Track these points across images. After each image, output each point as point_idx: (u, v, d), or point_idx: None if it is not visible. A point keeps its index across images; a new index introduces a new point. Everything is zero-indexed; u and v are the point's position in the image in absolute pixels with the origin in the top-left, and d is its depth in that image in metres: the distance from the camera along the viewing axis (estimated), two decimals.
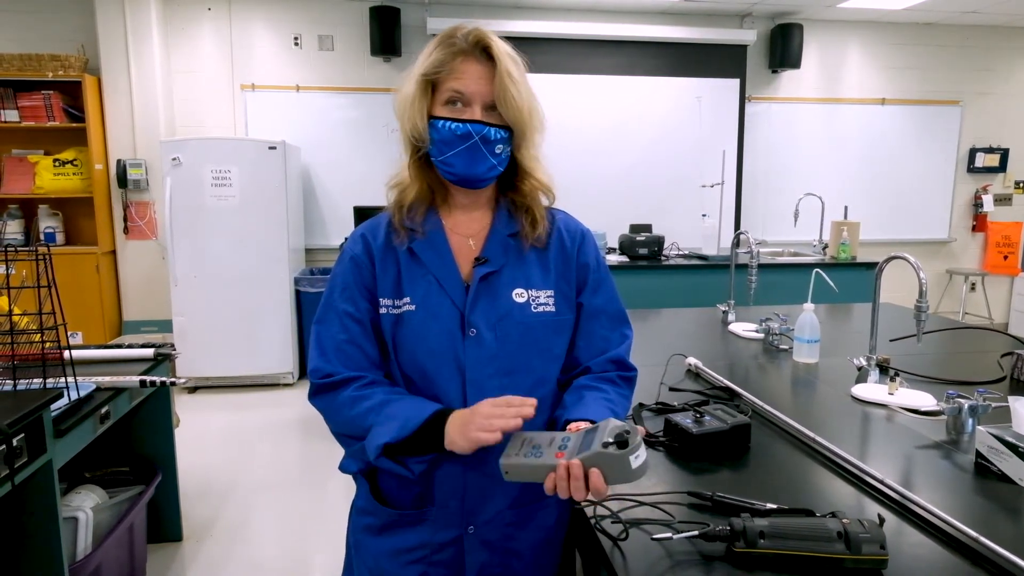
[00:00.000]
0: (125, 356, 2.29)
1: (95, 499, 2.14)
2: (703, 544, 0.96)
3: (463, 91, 1.03)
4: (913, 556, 0.95)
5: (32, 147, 4.72)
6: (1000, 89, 5.97)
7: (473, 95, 1.03)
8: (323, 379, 1.06)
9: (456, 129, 1.03)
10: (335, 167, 5.20)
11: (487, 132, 1.03)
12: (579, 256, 1.14)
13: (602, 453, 0.85)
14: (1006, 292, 6.29)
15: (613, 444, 0.85)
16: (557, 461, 0.88)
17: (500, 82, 1.01)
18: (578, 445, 0.89)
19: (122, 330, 4.90)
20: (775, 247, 5.24)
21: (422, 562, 1.07)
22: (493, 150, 1.04)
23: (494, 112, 1.04)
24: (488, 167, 1.05)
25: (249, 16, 5.01)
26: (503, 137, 1.05)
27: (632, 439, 0.85)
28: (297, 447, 3.66)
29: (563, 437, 0.92)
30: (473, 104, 1.03)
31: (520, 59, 1.06)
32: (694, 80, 5.43)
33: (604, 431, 0.88)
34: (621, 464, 0.85)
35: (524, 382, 1.05)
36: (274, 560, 2.55)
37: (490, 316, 1.05)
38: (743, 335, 2.36)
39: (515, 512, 1.08)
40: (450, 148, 1.04)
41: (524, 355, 1.06)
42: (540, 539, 1.11)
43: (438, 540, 1.07)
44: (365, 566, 1.12)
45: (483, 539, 1.07)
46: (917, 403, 1.57)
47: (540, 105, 1.08)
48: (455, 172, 1.06)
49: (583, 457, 0.86)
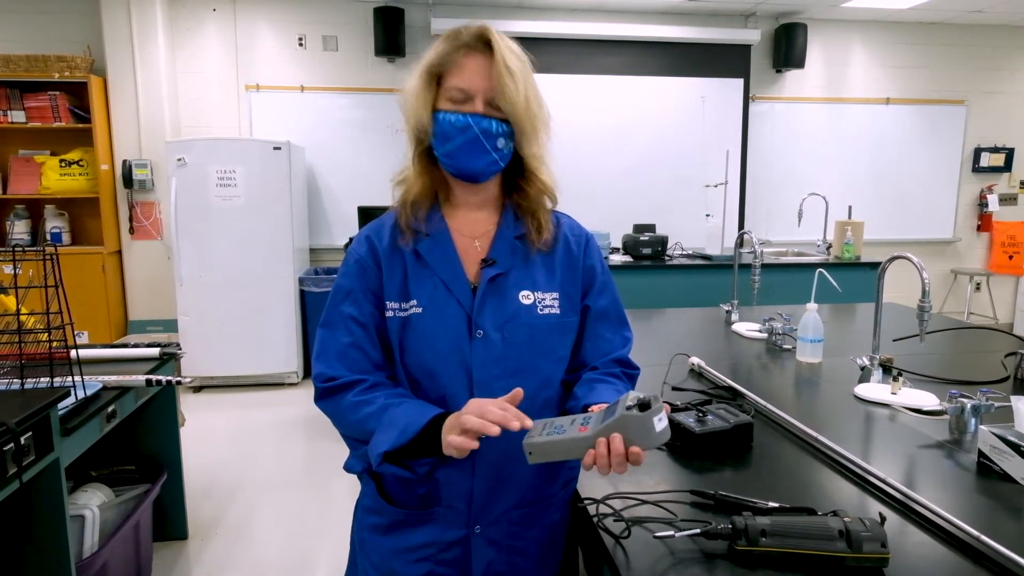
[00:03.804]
0: (131, 355, 2.30)
1: (101, 497, 2.16)
2: (705, 542, 0.96)
3: (465, 86, 1.03)
4: (915, 555, 0.95)
5: (38, 147, 4.75)
6: (1005, 88, 5.95)
7: (475, 89, 1.03)
8: (326, 383, 1.06)
9: (456, 121, 1.03)
10: (339, 167, 5.21)
11: (487, 124, 1.03)
12: (585, 260, 1.15)
13: (626, 416, 0.86)
14: (1011, 292, 6.26)
15: (636, 407, 0.86)
16: (581, 434, 0.89)
17: (497, 74, 1.01)
18: (600, 418, 0.90)
19: (127, 329, 4.92)
20: (779, 247, 5.24)
21: (429, 560, 1.08)
22: (495, 144, 1.04)
23: (496, 109, 1.04)
24: (488, 161, 1.05)
25: (254, 17, 5.02)
26: (504, 131, 1.04)
27: (655, 403, 0.86)
28: (301, 446, 3.67)
29: (583, 417, 0.93)
30: (475, 98, 1.03)
31: (525, 56, 1.06)
32: (698, 80, 5.43)
33: (624, 401, 0.88)
34: (644, 427, 0.85)
35: (530, 383, 1.05)
36: (279, 559, 2.56)
37: (497, 318, 1.05)
38: (746, 335, 2.36)
39: (521, 512, 1.09)
40: (451, 141, 1.04)
41: (530, 357, 1.07)
42: (545, 537, 1.12)
43: (445, 539, 1.07)
44: (371, 564, 1.13)
45: (489, 538, 1.08)
46: (920, 403, 1.57)
47: (545, 104, 1.08)
48: (455, 165, 1.06)
49: (606, 425, 0.87)
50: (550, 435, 0.91)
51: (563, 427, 0.92)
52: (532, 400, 0.99)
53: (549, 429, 0.92)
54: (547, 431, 0.92)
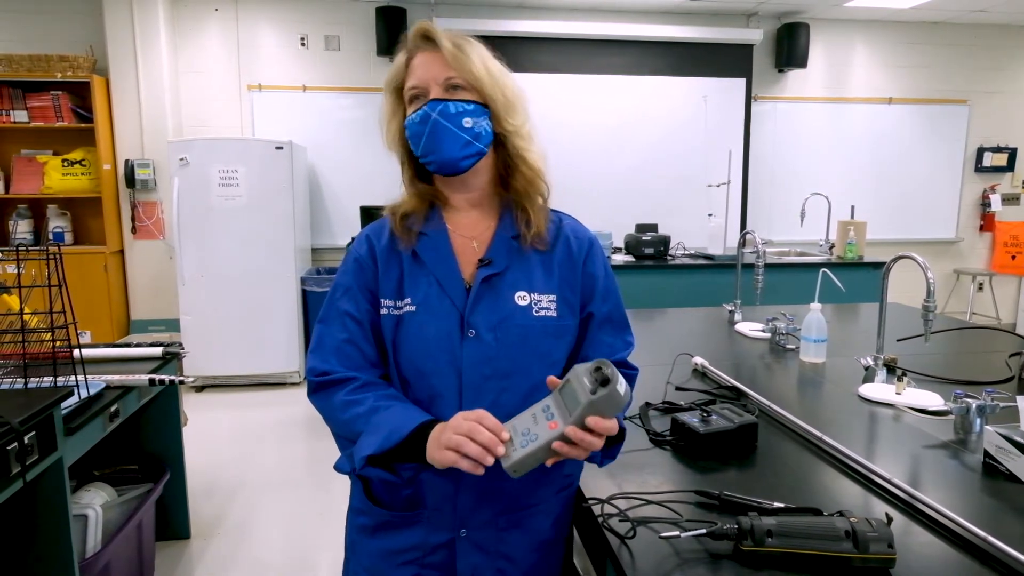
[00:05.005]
0: (134, 355, 2.30)
1: (104, 497, 2.16)
2: (711, 542, 0.96)
3: (416, 83, 1.04)
4: (921, 555, 0.95)
5: (41, 147, 4.76)
6: (1008, 88, 5.94)
7: (426, 81, 1.04)
8: (319, 377, 1.07)
9: (416, 117, 1.04)
10: (341, 167, 5.21)
11: (443, 107, 1.03)
12: (586, 265, 1.13)
13: (593, 402, 0.85)
14: (1013, 292, 6.26)
15: (599, 386, 0.86)
16: (554, 432, 0.88)
17: (453, 57, 1.02)
18: (563, 406, 0.90)
19: (130, 329, 4.93)
20: (781, 247, 5.24)
21: (415, 563, 1.07)
22: (459, 123, 1.03)
23: (457, 91, 1.04)
24: (461, 143, 1.04)
25: (256, 17, 5.03)
26: (467, 109, 1.04)
27: (607, 371, 0.86)
28: (303, 446, 3.67)
29: (543, 407, 0.92)
30: (429, 90, 1.04)
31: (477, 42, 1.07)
32: (700, 80, 5.43)
33: (579, 378, 0.88)
34: (613, 400, 0.86)
35: (521, 386, 1.04)
36: (280, 558, 2.56)
37: (490, 318, 1.04)
38: (749, 335, 2.35)
39: (507, 517, 1.07)
40: (419, 138, 1.04)
41: (522, 359, 1.05)
42: (534, 543, 1.10)
43: (431, 542, 1.06)
44: (360, 566, 1.12)
45: (475, 542, 1.06)
46: (924, 403, 1.57)
47: (512, 78, 1.09)
48: (432, 159, 1.06)
49: (577, 414, 0.87)
50: (524, 446, 0.89)
51: (533, 431, 0.90)
52: (523, 403, 0.97)
53: (521, 440, 0.90)
54: (520, 442, 0.90)
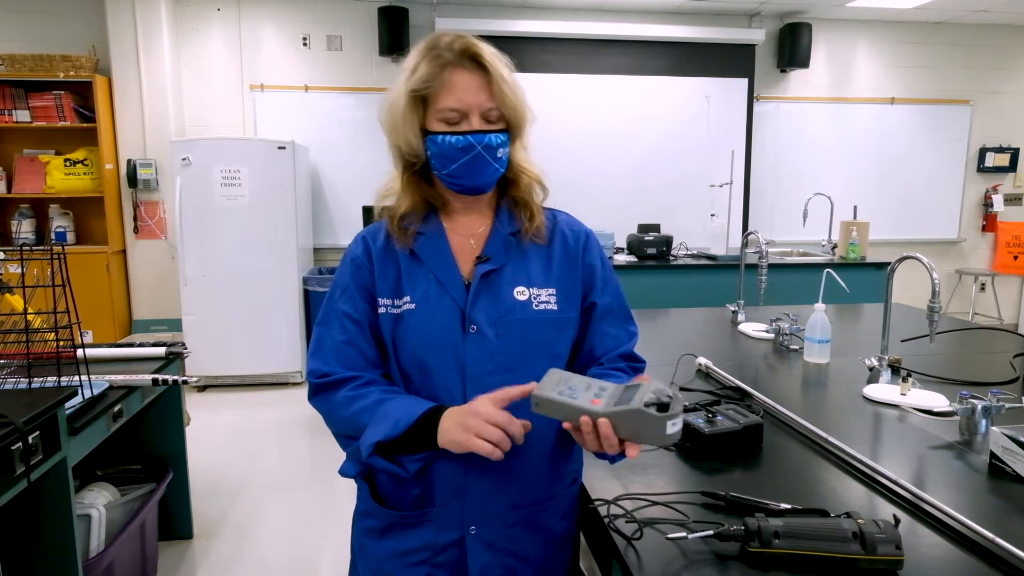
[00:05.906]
0: (137, 355, 2.31)
1: (108, 497, 2.16)
2: (717, 544, 0.96)
3: (458, 106, 1.02)
4: (928, 556, 0.95)
5: (43, 147, 4.76)
6: (1010, 88, 5.93)
7: (470, 107, 1.02)
8: (320, 379, 1.07)
9: (458, 143, 1.02)
10: (344, 167, 5.21)
11: (488, 140, 1.03)
12: (584, 256, 1.14)
13: (640, 411, 0.83)
14: (1016, 292, 6.25)
15: (654, 405, 0.83)
16: (592, 407, 0.87)
17: (498, 89, 1.02)
18: (616, 397, 0.88)
19: (132, 329, 4.93)
20: (784, 247, 5.23)
21: (426, 564, 1.07)
22: (495, 155, 1.05)
23: (494, 122, 1.04)
24: (492, 172, 1.06)
25: (258, 16, 5.03)
26: (503, 140, 1.05)
27: (673, 405, 0.84)
28: (306, 446, 3.67)
29: (600, 386, 0.91)
30: (471, 116, 1.03)
31: (505, 58, 1.06)
32: (702, 80, 5.42)
33: (646, 390, 0.86)
34: (656, 427, 0.83)
35: (525, 380, 1.03)
36: (283, 558, 2.56)
37: (491, 313, 1.05)
38: (753, 335, 2.35)
39: (517, 513, 1.07)
40: (453, 161, 1.04)
41: (525, 353, 1.06)
42: (544, 541, 1.10)
43: (441, 541, 1.06)
44: (369, 569, 1.12)
45: (485, 540, 1.06)
46: (929, 404, 1.57)
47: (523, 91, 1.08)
48: (461, 184, 1.06)
49: (619, 411, 0.84)
50: (561, 395, 0.88)
51: (577, 391, 0.89)
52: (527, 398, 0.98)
53: (562, 388, 0.89)
54: (559, 389, 0.89)
